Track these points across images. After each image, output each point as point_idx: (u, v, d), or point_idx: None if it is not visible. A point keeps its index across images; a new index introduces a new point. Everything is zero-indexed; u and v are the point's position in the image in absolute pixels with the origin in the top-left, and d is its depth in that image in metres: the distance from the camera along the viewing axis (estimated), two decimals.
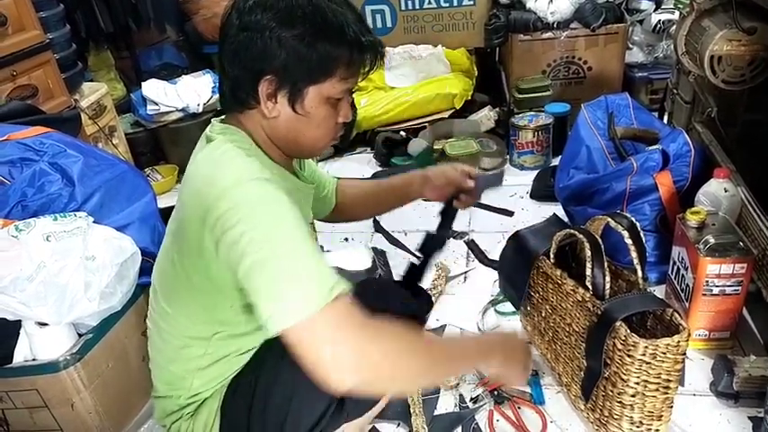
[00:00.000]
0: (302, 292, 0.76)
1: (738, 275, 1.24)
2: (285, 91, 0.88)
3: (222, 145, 0.89)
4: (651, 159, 1.56)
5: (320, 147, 0.98)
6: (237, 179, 0.82)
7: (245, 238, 0.78)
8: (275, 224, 0.79)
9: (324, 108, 0.91)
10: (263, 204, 0.81)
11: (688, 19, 1.59)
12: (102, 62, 2.97)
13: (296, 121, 0.91)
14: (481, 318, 1.54)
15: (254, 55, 0.86)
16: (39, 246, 1.14)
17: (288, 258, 0.78)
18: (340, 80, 0.89)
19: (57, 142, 1.39)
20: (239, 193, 0.80)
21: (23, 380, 1.18)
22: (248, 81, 0.88)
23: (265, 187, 0.82)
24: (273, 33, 0.84)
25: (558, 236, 1.23)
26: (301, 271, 0.77)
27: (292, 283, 0.76)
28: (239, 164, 0.85)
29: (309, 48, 0.85)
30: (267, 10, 0.85)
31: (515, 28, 2.44)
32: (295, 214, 0.82)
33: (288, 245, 0.79)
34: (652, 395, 1.07)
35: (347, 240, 1.97)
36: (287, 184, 0.96)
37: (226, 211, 0.80)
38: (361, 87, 2.65)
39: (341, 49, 0.87)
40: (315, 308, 0.74)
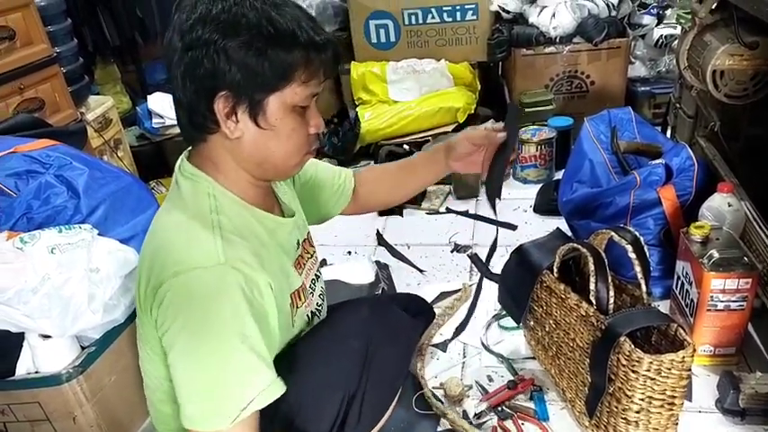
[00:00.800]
0: (209, 409, 0.79)
1: (743, 290, 1.23)
2: (244, 106, 0.83)
3: (187, 204, 0.87)
4: (654, 173, 1.56)
5: (294, 163, 0.93)
6: (186, 266, 0.80)
7: (174, 346, 0.81)
8: (202, 339, 0.79)
9: (290, 118, 0.86)
10: (199, 306, 0.80)
11: (690, 34, 1.60)
12: (108, 75, 3.00)
13: (262, 137, 0.86)
14: (485, 332, 1.53)
15: (204, 74, 0.80)
16: (43, 258, 1.15)
17: (205, 373, 0.80)
18: (301, 84, 0.84)
19: (63, 155, 1.40)
20: (179, 285, 0.80)
21: (25, 393, 1.18)
22: (203, 103, 0.82)
23: (209, 281, 0.80)
24: (219, 47, 0.79)
25: (561, 250, 1.23)
26: (215, 389, 0.80)
27: (204, 397, 0.80)
28: (193, 243, 0.83)
29: (260, 56, 0.80)
30: (209, 24, 0.79)
31: (518, 42, 2.45)
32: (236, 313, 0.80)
33: (208, 361, 0.79)
34: (657, 411, 1.06)
35: (350, 254, 1.97)
36: (261, 228, 0.92)
37: (162, 309, 0.81)
38: (365, 101, 2.67)
39: (295, 53, 0.82)
40: (223, 426, 0.79)
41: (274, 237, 0.94)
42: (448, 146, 1.14)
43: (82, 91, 2.26)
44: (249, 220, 0.90)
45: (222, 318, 0.79)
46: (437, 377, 1.41)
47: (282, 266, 0.95)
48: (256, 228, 0.91)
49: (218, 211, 0.86)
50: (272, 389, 0.82)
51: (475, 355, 1.48)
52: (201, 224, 0.84)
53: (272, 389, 0.82)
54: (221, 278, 0.80)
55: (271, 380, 0.83)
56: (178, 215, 0.87)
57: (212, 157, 0.89)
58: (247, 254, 0.84)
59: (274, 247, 0.94)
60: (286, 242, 0.99)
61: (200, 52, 0.80)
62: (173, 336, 0.81)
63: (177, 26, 0.82)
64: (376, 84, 2.64)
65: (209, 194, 0.87)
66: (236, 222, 0.87)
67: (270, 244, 0.92)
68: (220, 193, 0.89)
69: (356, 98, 2.71)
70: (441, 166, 1.17)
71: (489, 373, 1.41)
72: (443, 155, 1.15)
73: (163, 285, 0.81)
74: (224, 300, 0.80)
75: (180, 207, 0.88)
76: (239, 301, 0.80)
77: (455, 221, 2.11)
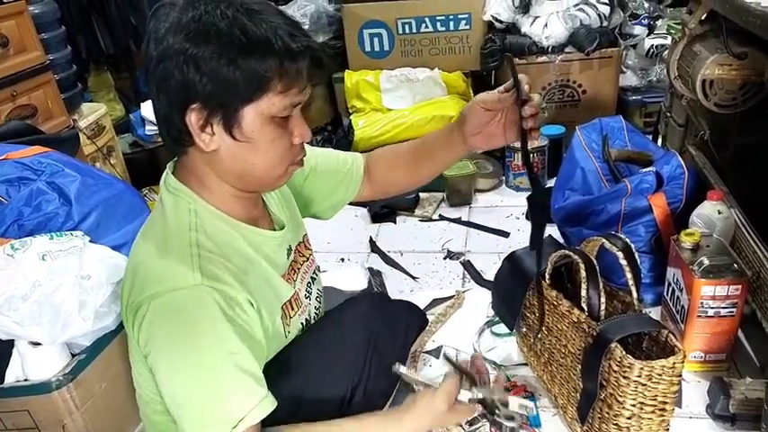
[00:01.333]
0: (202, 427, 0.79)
1: (733, 297, 1.24)
2: (218, 118, 0.79)
3: (169, 220, 0.86)
4: (645, 181, 1.57)
5: (278, 175, 0.88)
6: (162, 288, 0.80)
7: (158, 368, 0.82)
8: (185, 360, 0.79)
9: (268, 129, 0.82)
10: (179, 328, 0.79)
11: (680, 44, 1.62)
12: (101, 83, 3.00)
13: (240, 149, 0.82)
14: (477, 339, 1.53)
15: (175, 86, 0.77)
16: (34, 265, 1.14)
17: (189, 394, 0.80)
18: (278, 94, 0.80)
19: (55, 162, 1.40)
20: (157, 308, 0.79)
21: (14, 401, 1.16)
22: (176, 116, 0.79)
23: (187, 302, 0.79)
24: (189, 57, 0.76)
25: (553, 257, 1.23)
26: (202, 407, 0.80)
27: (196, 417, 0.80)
28: (171, 263, 0.81)
29: (231, 65, 0.76)
30: (179, 33, 0.76)
31: (511, 52, 2.47)
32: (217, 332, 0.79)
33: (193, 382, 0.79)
34: (648, 417, 1.07)
35: (343, 260, 1.97)
36: (245, 244, 0.90)
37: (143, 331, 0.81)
38: (359, 109, 2.69)
39: (269, 62, 0.77)
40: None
41: (260, 251, 0.93)
42: (461, 119, 1.02)
43: (75, 98, 2.26)
44: (232, 236, 0.88)
45: (203, 337, 0.79)
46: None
47: (269, 281, 0.94)
48: (239, 244, 0.89)
49: (197, 229, 0.84)
50: (263, 404, 0.82)
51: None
52: (180, 243, 0.82)
53: (263, 404, 0.82)
54: (199, 298, 0.79)
55: (261, 396, 0.82)
56: (159, 233, 0.86)
57: (194, 169, 0.87)
58: (225, 273, 0.83)
59: (260, 261, 0.92)
60: (274, 255, 0.98)
61: (170, 63, 0.77)
62: (156, 357, 0.81)
63: (151, 35, 0.79)
64: (370, 92, 2.65)
65: (191, 210, 0.86)
66: (218, 240, 0.86)
67: (255, 259, 0.91)
68: (202, 208, 0.87)
69: (350, 106, 2.72)
70: (459, 146, 1.05)
71: None
72: (459, 133, 1.03)
73: (141, 307, 0.80)
74: (203, 319, 0.79)
75: (161, 224, 0.87)
76: (219, 319, 0.79)
77: (448, 228, 2.11)
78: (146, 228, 0.91)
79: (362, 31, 2.70)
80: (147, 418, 1.02)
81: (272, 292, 0.94)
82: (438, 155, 1.11)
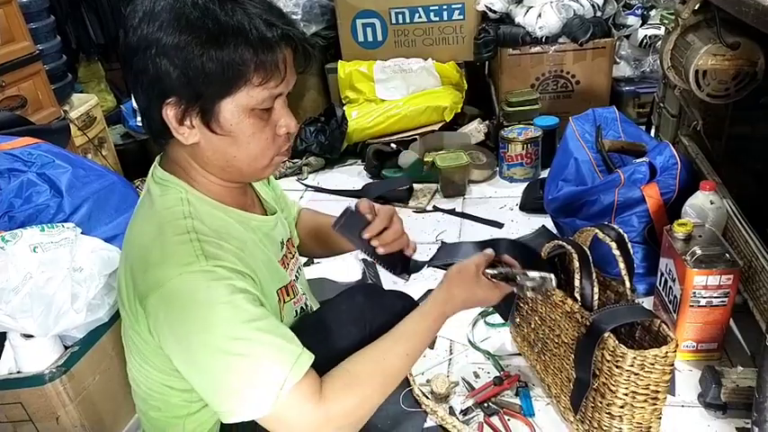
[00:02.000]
0: (246, 401, 0.76)
1: (725, 287, 1.25)
2: (195, 111, 0.77)
3: (161, 210, 0.83)
4: (638, 172, 1.57)
5: (262, 166, 0.86)
6: (168, 274, 0.77)
7: (179, 354, 0.79)
8: (209, 341, 0.76)
9: (249, 122, 0.79)
10: (195, 310, 0.76)
11: (673, 34, 1.62)
12: (92, 73, 2.97)
13: (219, 142, 0.80)
14: (471, 329, 1.54)
15: (149, 80, 0.76)
16: (25, 257, 1.13)
17: (223, 372, 0.76)
18: (257, 86, 0.77)
19: (45, 153, 1.39)
20: (168, 294, 0.77)
21: (7, 393, 1.16)
22: (154, 110, 0.78)
23: (196, 282, 0.76)
24: (161, 48, 0.73)
25: (546, 247, 1.24)
26: (241, 381, 0.76)
27: (237, 394, 0.76)
28: (170, 250, 0.79)
29: (203, 57, 0.73)
30: (152, 22, 0.74)
31: (504, 42, 2.47)
32: (234, 305, 0.76)
33: (226, 361, 0.76)
34: (641, 406, 1.08)
35: None
36: (241, 228, 0.89)
37: (159, 322, 0.78)
38: (352, 100, 2.67)
39: (243, 53, 0.74)
40: (266, 411, 0.76)
41: (257, 234, 0.93)
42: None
43: (65, 89, 2.24)
44: (227, 221, 0.87)
45: (221, 313, 0.75)
46: (424, 374, 1.42)
47: (269, 262, 0.94)
48: (235, 228, 0.88)
49: (192, 216, 0.82)
50: (302, 359, 0.78)
51: (461, 351, 1.48)
52: (177, 230, 0.80)
53: (302, 359, 0.78)
54: (207, 277, 0.77)
55: (297, 352, 0.79)
56: (152, 223, 0.83)
57: (179, 161, 0.86)
58: (227, 254, 0.81)
59: (257, 244, 0.92)
60: (271, 239, 0.98)
61: (145, 55, 0.75)
62: (177, 345, 0.78)
63: (127, 22, 0.77)
64: (363, 82, 2.64)
65: (183, 199, 0.84)
66: (213, 225, 0.84)
67: (252, 241, 0.91)
68: (194, 197, 0.85)
69: (343, 97, 2.71)
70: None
71: (476, 369, 1.42)
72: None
73: (149, 299, 0.78)
74: (217, 296, 0.76)
75: (153, 214, 0.84)
76: (232, 292, 0.77)
77: (442, 220, 2.11)
78: (136, 221, 0.89)
79: (355, 21, 2.68)
80: (144, 414, 1.00)
81: (270, 274, 0.93)
82: (339, 241, 1.12)
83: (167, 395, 0.92)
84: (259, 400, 0.76)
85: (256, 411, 0.76)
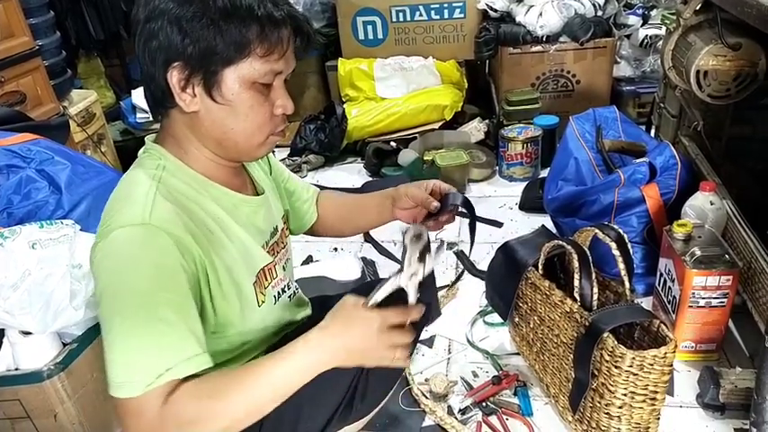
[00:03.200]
0: (122, 374, 0.74)
1: (724, 288, 1.25)
2: (199, 78, 0.81)
3: (131, 174, 0.87)
4: (638, 172, 1.57)
5: (256, 143, 0.88)
6: (112, 226, 0.78)
7: (99, 307, 0.78)
8: (123, 300, 0.75)
9: (248, 94, 0.83)
10: (121, 263, 0.77)
11: (674, 34, 1.62)
12: (91, 69, 2.97)
13: (219, 112, 0.84)
14: (470, 328, 1.54)
15: (158, 45, 0.80)
16: (24, 253, 1.13)
17: (120, 333, 0.75)
18: (259, 59, 0.81)
19: (44, 149, 1.39)
20: (106, 245, 0.78)
21: (6, 390, 1.16)
22: (159, 75, 0.82)
23: (134, 237, 0.77)
24: (173, 17, 0.78)
25: (546, 247, 1.24)
26: (131, 353, 0.74)
27: (121, 362, 0.74)
28: (125, 205, 0.81)
29: (214, 26, 0.78)
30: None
31: (505, 41, 2.46)
32: (159, 271, 0.76)
33: (126, 324, 0.75)
34: (639, 406, 1.08)
35: (336, 250, 1.97)
36: (216, 206, 0.89)
37: (94, 269, 0.80)
38: (352, 98, 2.67)
39: (251, 25, 0.79)
40: (135, 392, 0.73)
41: (234, 214, 0.92)
42: (394, 197, 1.13)
43: (64, 85, 2.23)
44: (200, 194, 0.88)
45: (145, 278, 0.75)
46: (422, 373, 1.42)
47: (244, 243, 0.93)
48: (207, 203, 0.88)
49: (159, 181, 0.84)
50: (197, 360, 0.76)
51: (460, 351, 1.48)
52: (138, 189, 0.83)
53: (197, 360, 0.76)
54: (147, 235, 0.77)
55: (195, 352, 0.76)
56: (122, 185, 0.86)
57: (174, 133, 0.88)
58: (179, 223, 0.81)
59: (231, 223, 0.91)
60: (252, 220, 0.97)
61: (155, 23, 0.79)
62: (98, 296, 0.79)
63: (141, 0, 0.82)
64: (363, 80, 2.64)
65: (159, 165, 0.86)
66: (183, 192, 0.86)
67: (225, 220, 0.90)
68: (173, 165, 0.87)
69: (343, 95, 2.71)
70: (388, 213, 1.15)
71: (474, 369, 1.42)
72: (390, 203, 1.13)
73: (95, 247, 0.80)
74: (149, 259, 0.76)
75: (125, 178, 0.87)
76: (165, 263, 0.77)
77: None
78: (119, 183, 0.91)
79: (356, 19, 2.68)
80: None
81: (245, 254, 0.92)
82: (370, 215, 1.18)
83: None
84: (136, 377, 0.73)
85: (128, 389, 0.73)
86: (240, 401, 0.76)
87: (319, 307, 1.15)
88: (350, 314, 0.82)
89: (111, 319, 0.76)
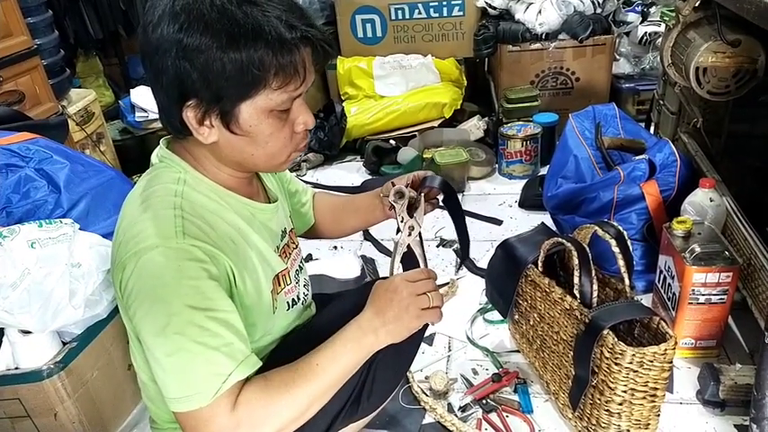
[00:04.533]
0: (187, 389, 0.76)
1: (724, 284, 1.25)
2: (215, 113, 0.78)
3: (154, 185, 0.85)
4: (638, 169, 1.57)
5: (280, 162, 0.88)
6: (145, 246, 0.77)
7: (143, 330, 0.79)
8: (169, 318, 0.76)
9: (267, 123, 0.81)
10: (161, 287, 0.77)
11: (674, 31, 1.62)
12: (90, 69, 2.96)
13: (239, 141, 0.82)
14: (470, 326, 1.54)
15: (170, 81, 0.77)
16: (23, 252, 1.13)
17: (174, 353, 0.76)
18: (275, 90, 0.78)
19: (43, 148, 1.38)
20: (141, 267, 0.77)
21: (5, 389, 1.16)
22: (174, 109, 0.79)
23: (169, 259, 0.77)
24: (180, 51, 0.74)
25: (546, 244, 1.24)
26: (189, 366, 0.77)
27: (181, 378, 0.77)
28: (153, 224, 0.80)
29: (223, 60, 0.74)
30: (172, 23, 0.74)
31: (504, 39, 2.46)
32: (199, 289, 0.77)
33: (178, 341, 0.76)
34: (639, 403, 1.08)
35: (336, 248, 1.97)
36: (236, 216, 0.90)
37: (128, 292, 0.79)
38: (351, 96, 2.67)
39: (263, 55, 0.74)
40: (205, 401, 0.76)
41: (253, 223, 0.93)
42: (383, 193, 1.12)
43: (63, 84, 2.22)
44: (221, 206, 0.88)
45: (185, 296, 0.76)
46: (422, 371, 1.42)
47: (262, 251, 0.93)
48: (228, 214, 0.89)
49: (182, 196, 0.83)
50: (250, 361, 0.81)
51: (460, 348, 1.48)
52: (163, 205, 0.82)
53: (250, 361, 0.81)
54: (181, 255, 0.77)
55: (246, 352, 0.81)
56: (143, 196, 0.85)
57: (192, 152, 0.87)
58: (206, 237, 0.82)
59: (251, 232, 0.92)
60: (268, 227, 0.98)
61: (166, 56, 0.75)
62: (141, 319, 0.79)
63: (147, 17, 0.77)
64: (362, 79, 2.63)
65: (179, 179, 0.86)
66: (204, 209, 0.85)
67: (245, 229, 0.91)
68: (193, 178, 0.86)
69: (342, 93, 2.70)
70: (379, 212, 1.15)
71: (474, 366, 1.42)
72: (381, 203, 1.14)
73: (127, 267, 0.79)
74: (186, 277, 0.77)
75: (146, 188, 0.86)
76: (203, 276, 0.78)
77: (441, 216, 2.11)
78: (132, 193, 0.89)
79: (355, 17, 2.67)
80: (152, 403, 1.00)
81: (262, 262, 0.93)
82: (361, 215, 1.19)
83: None
84: (201, 388, 0.76)
85: (196, 400, 0.76)
86: (305, 394, 0.81)
87: (320, 305, 1.15)
88: (381, 292, 0.89)
89: (160, 339, 0.77)
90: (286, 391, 0.81)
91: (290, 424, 0.82)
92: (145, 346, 0.80)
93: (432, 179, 1.05)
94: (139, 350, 0.91)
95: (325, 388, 0.84)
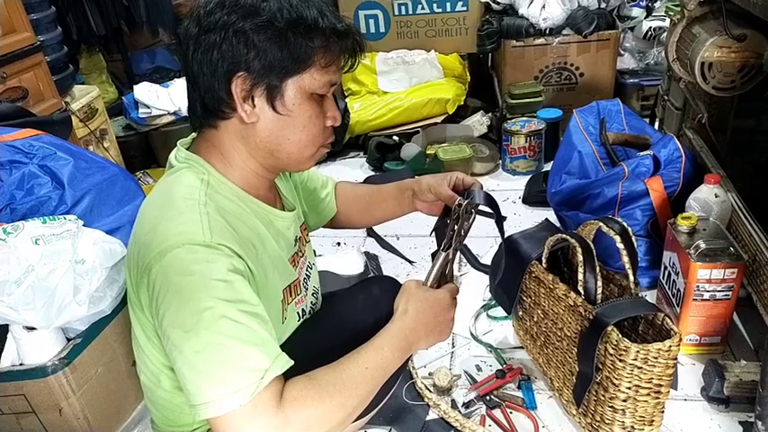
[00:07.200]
0: (224, 390, 0.72)
1: (729, 280, 1.24)
2: (262, 89, 0.82)
3: (177, 185, 0.84)
4: (642, 165, 1.56)
5: (307, 155, 0.91)
6: (171, 244, 0.77)
7: (172, 334, 0.76)
8: (200, 319, 0.74)
9: (308, 106, 0.85)
10: (190, 283, 0.75)
11: (679, 26, 1.61)
12: (93, 65, 2.96)
13: (278, 122, 0.85)
14: (473, 322, 1.54)
15: (221, 56, 0.81)
16: (27, 249, 1.13)
17: (207, 351, 0.74)
18: (319, 69, 0.84)
19: (47, 145, 1.38)
20: (167, 265, 0.76)
21: (10, 385, 1.16)
22: (220, 85, 0.82)
23: (197, 255, 0.76)
24: (238, 29, 0.79)
25: (550, 240, 1.23)
26: (224, 362, 0.73)
27: (218, 379, 0.73)
28: (179, 221, 0.79)
29: (280, 38, 0.80)
30: (228, 8, 0.81)
31: (508, 34, 2.45)
32: (229, 284, 0.76)
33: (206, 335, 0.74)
34: (643, 400, 1.07)
35: (339, 245, 1.97)
36: (257, 220, 0.90)
37: (155, 290, 0.77)
38: (354, 92, 2.66)
39: (315, 37, 0.82)
40: (244, 399, 0.72)
41: (271, 229, 0.93)
42: (415, 189, 1.16)
43: (66, 80, 2.22)
44: (243, 210, 0.88)
45: (215, 290, 0.75)
46: (426, 367, 1.42)
47: (278, 259, 0.94)
48: (250, 220, 0.89)
49: (207, 196, 0.83)
50: (282, 358, 0.78)
51: (464, 345, 1.48)
52: (190, 206, 0.81)
53: (282, 358, 0.78)
54: (209, 252, 0.76)
55: (277, 351, 0.78)
56: (166, 196, 0.84)
57: (220, 144, 0.88)
58: (231, 240, 0.81)
59: (270, 239, 0.92)
60: (285, 235, 0.98)
61: (218, 35, 0.80)
62: (169, 317, 0.76)
63: (196, 14, 0.83)
64: (365, 74, 2.63)
65: (203, 180, 0.85)
66: (227, 211, 0.85)
67: (265, 236, 0.91)
68: (216, 180, 0.87)
69: (345, 89, 2.70)
70: (408, 204, 1.19)
71: (478, 362, 1.42)
72: (410, 195, 1.17)
73: (153, 268, 0.77)
74: (215, 272, 0.76)
75: (168, 189, 0.85)
76: (231, 271, 0.77)
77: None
78: (151, 196, 0.88)
79: (358, 12, 2.66)
80: (157, 409, 0.99)
81: (277, 271, 0.93)
82: (390, 206, 1.22)
83: (172, 378, 0.90)
84: (240, 385, 0.72)
85: (235, 399, 0.72)
86: (356, 395, 0.81)
87: (325, 303, 1.15)
88: (428, 306, 0.94)
89: (190, 336, 0.74)
90: (336, 391, 0.79)
91: (336, 427, 0.79)
92: (174, 347, 0.76)
93: (478, 195, 1.06)
94: (143, 350, 0.92)
95: (371, 392, 0.85)
